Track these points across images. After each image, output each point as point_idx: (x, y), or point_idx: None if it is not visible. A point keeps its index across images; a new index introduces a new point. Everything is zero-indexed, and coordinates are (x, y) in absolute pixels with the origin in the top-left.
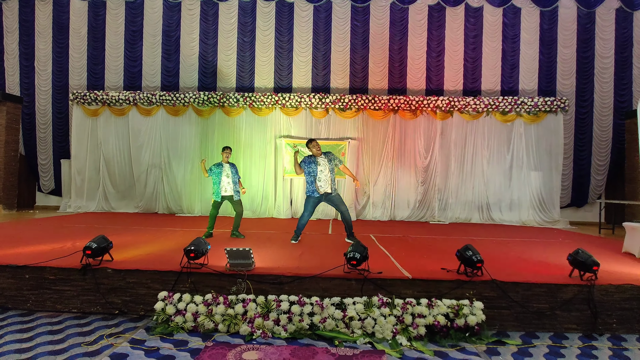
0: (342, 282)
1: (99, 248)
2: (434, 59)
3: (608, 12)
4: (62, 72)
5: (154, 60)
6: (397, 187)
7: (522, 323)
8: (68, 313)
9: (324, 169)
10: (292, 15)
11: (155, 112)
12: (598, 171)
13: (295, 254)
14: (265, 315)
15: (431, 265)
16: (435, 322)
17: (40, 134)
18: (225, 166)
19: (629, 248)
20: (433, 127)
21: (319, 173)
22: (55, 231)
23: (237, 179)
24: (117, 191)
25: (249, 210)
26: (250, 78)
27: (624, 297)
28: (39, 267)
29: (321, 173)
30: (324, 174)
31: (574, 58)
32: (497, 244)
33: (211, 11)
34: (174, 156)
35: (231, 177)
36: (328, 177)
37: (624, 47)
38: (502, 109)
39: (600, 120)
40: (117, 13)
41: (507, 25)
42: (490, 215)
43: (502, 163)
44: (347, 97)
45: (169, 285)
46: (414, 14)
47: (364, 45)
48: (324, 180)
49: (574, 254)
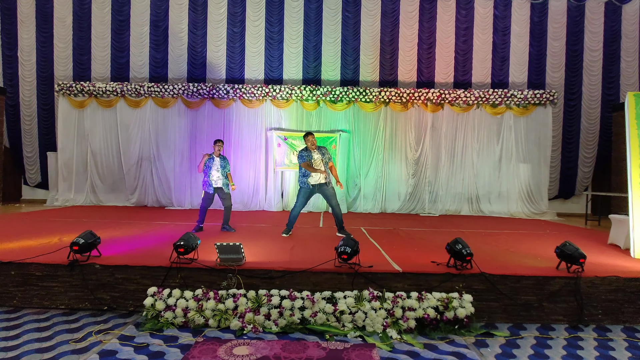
0: (333, 276)
1: (87, 244)
2: (425, 51)
3: (597, 5)
4: (47, 63)
5: (142, 51)
6: (388, 179)
7: (510, 315)
8: (55, 309)
9: (317, 161)
10: (283, 5)
11: (143, 104)
12: (585, 163)
13: (286, 247)
14: (256, 310)
15: (421, 258)
16: (425, 315)
17: (26, 126)
18: (215, 160)
19: (615, 240)
20: (424, 120)
21: (313, 164)
22: (42, 225)
23: (226, 173)
24: (105, 184)
25: (240, 204)
26: (240, 69)
27: (609, 288)
28: (25, 264)
29: (315, 165)
30: (318, 166)
31: (563, 51)
32: (486, 236)
33: (200, 1)
34: (163, 148)
35: (221, 170)
36: (322, 169)
37: (612, 41)
38: (492, 102)
39: (588, 113)
40: (104, 2)
41: (498, 18)
42: (480, 207)
43: (492, 155)
44: (338, 90)
45: (158, 280)
46: (406, 6)
47: (355, 37)
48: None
49: (562, 246)
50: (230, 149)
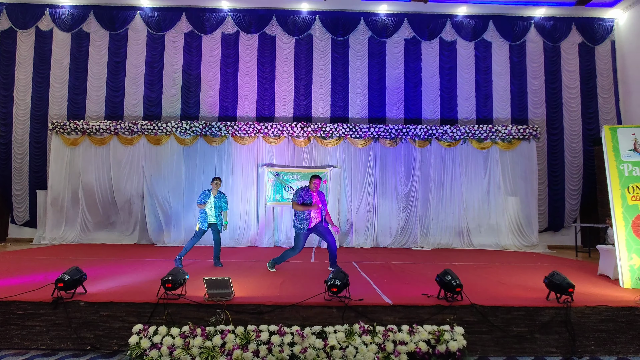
0: (323, 310)
1: (72, 280)
2: (411, 90)
3: (571, 46)
4: (42, 102)
5: (137, 90)
6: (379, 213)
7: (503, 348)
8: (36, 350)
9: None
10: (274, 47)
11: (136, 141)
12: (572, 196)
13: (276, 282)
14: (244, 347)
15: (412, 291)
16: (417, 348)
17: (17, 164)
18: (210, 198)
19: (604, 270)
20: (412, 154)
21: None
22: (27, 264)
23: (219, 212)
24: (95, 222)
25: (231, 240)
26: (232, 107)
27: (600, 318)
28: (7, 302)
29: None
30: (315, 211)
31: (543, 88)
32: (477, 269)
33: (195, 43)
34: (155, 185)
35: (214, 210)
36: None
37: (588, 79)
38: (478, 137)
39: (571, 147)
40: (101, 44)
41: (479, 58)
42: (471, 240)
43: (480, 188)
44: (329, 126)
45: (144, 317)
46: (391, 47)
47: (344, 76)
48: (314, 213)
49: (550, 276)
50: (222, 185)
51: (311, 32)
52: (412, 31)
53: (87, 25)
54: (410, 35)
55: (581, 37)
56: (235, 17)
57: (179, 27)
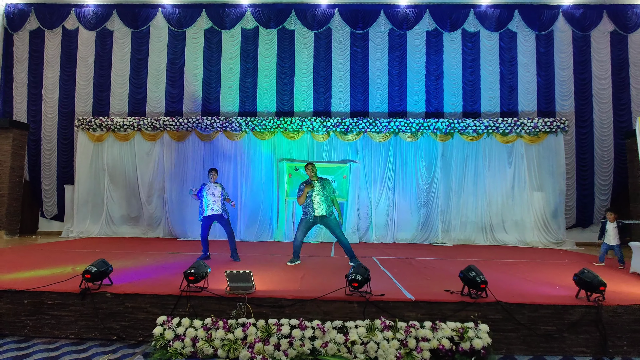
0: (344, 305)
1: (99, 272)
2: (433, 83)
3: (603, 35)
4: (69, 99)
5: (159, 87)
6: (399, 208)
7: (530, 346)
8: (65, 339)
9: (317, 192)
10: (294, 42)
11: (159, 137)
12: (602, 191)
13: (297, 276)
14: (265, 340)
15: (434, 287)
16: (440, 345)
17: (45, 159)
18: (210, 185)
19: (637, 268)
20: (434, 149)
21: (313, 196)
22: (56, 256)
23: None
24: (120, 216)
25: (251, 234)
26: (252, 103)
27: (634, 318)
28: (38, 292)
29: (315, 197)
30: (318, 198)
31: (571, 80)
32: (501, 265)
33: (215, 39)
34: (177, 180)
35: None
36: (321, 201)
37: (620, 69)
38: (503, 130)
39: (601, 140)
40: (124, 42)
41: (504, 49)
42: (494, 237)
43: (504, 183)
44: (348, 120)
45: (168, 309)
46: (412, 39)
47: (364, 70)
48: (317, 203)
49: (580, 274)
50: (243, 180)
51: (330, 26)
52: (433, 23)
53: (110, 23)
54: (431, 27)
55: (613, 25)
56: (254, 12)
57: (199, 24)
